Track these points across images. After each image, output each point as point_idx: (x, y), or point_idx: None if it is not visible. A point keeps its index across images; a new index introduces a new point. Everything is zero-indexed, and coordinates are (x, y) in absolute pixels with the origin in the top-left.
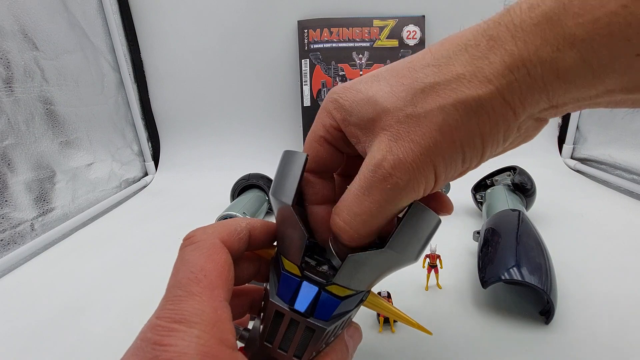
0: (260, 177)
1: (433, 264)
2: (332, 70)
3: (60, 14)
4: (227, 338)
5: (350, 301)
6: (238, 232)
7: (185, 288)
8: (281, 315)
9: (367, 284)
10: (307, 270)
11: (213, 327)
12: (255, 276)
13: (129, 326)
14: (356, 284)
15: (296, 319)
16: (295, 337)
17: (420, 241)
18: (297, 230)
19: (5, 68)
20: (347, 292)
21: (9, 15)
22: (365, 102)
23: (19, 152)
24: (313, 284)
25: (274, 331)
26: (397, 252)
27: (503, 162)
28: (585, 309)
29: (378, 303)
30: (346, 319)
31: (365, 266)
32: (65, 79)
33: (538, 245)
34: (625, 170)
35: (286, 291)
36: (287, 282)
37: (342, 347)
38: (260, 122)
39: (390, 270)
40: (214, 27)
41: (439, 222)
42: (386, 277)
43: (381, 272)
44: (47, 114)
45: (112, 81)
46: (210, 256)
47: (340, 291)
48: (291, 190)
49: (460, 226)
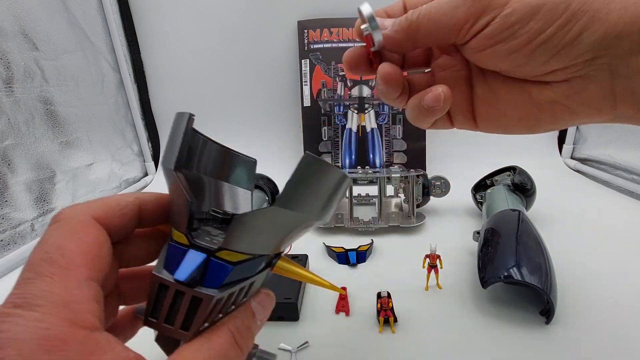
0: (260, 177)
1: (433, 264)
2: (332, 70)
3: (60, 14)
4: (83, 319)
5: (248, 266)
6: (121, 207)
7: (35, 269)
8: (166, 288)
9: (266, 247)
10: (197, 239)
11: (63, 308)
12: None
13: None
14: (252, 247)
15: (181, 289)
16: (181, 309)
17: (318, 195)
18: (181, 196)
19: (5, 68)
20: (241, 257)
21: (9, 15)
22: None
23: (19, 152)
24: (201, 252)
25: (158, 305)
26: (290, 209)
27: (503, 162)
28: (585, 309)
29: (288, 269)
30: (247, 286)
31: (256, 227)
32: (65, 79)
33: (538, 245)
34: (625, 170)
35: (172, 262)
36: (173, 252)
37: (247, 314)
38: (260, 122)
39: (296, 230)
40: (214, 27)
41: (340, 174)
42: (385, 277)
43: (282, 233)
44: (47, 114)
45: (112, 81)
46: (74, 234)
47: (233, 256)
48: (173, 153)
49: (460, 226)
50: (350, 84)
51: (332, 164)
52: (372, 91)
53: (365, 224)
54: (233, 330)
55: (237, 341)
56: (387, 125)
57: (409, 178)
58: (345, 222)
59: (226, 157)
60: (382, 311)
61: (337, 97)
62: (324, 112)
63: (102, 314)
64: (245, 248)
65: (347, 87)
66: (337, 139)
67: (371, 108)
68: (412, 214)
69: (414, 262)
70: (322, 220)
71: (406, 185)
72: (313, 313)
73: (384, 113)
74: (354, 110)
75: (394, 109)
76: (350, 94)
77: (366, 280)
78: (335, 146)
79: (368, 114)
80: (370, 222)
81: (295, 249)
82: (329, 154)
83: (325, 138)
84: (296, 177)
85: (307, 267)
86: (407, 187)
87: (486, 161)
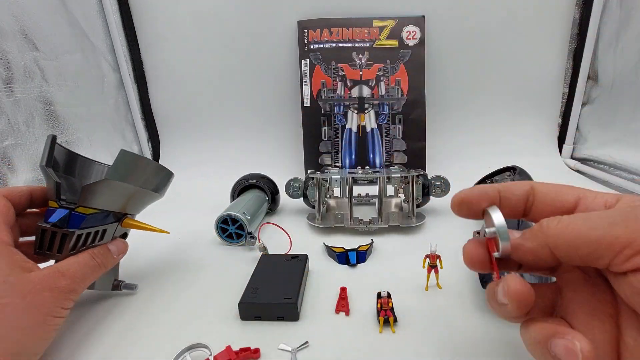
0: (260, 177)
1: (433, 264)
2: (332, 70)
3: (60, 14)
4: (3, 239)
5: (98, 217)
6: (18, 191)
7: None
8: (45, 230)
9: (109, 205)
10: (63, 203)
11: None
12: None
13: (129, 325)
14: (98, 204)
15: (55, 230)
16: (56, 241)
17: (134, 174)
18: (51, 179)
19: (5, 68)
20: (92, 211)
21: (9, 15)
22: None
23: (19, 152)
24: (65, 209)
25: (42, 242)
26: (117, 181)
27: (503, 162)
28: None
29: (133, 224)
30: (101, 231)
31: (98, 192)
32: (65, 79)
33: None
34: (625, 170)
35: (48, 216)
36: (49, 211)
37: (103, 247)
38: (260, 122)
39: (134, 197)
40: (214, 27)
41: (144, 158)
42: (385, 277)
43: (122, 197)
44: (47, 114)
45: (112, 81)
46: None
47: (86, 210)
48: (44, 157)
49: (460, 226)
50: (350, 84)
51: (332, 164)
52: (372, 91)
53: (365, 224)
54: (92, 252)
55: (95, 257)
56: (387, 125)
57: (409, 178)
58: (345, 222)
59: (79, 159)
60: (382, 311)
61: (337, 97)
62: (324, 112)
63: (12, 241)
64: (94, 204)
65: (347, 87)
66: (337, 139)
67: (371, 108)
68: (412, 214)
69: (414, 262)
70: (149, 192)
71: (406, 185)
72: (313, 313)
73: (384, 113)
74: (354, 110)
75: (394, 108)
76: (350, 94)
77: (366, 280)
78: (335, 146)
79: (368, 114)
80: (370, 222)
81: (295, 249)
82: (329, 154)
83: (325, 138)
84: (116, 162)
85: (307, 267)
86: (407, 187)
87: (486, 161)
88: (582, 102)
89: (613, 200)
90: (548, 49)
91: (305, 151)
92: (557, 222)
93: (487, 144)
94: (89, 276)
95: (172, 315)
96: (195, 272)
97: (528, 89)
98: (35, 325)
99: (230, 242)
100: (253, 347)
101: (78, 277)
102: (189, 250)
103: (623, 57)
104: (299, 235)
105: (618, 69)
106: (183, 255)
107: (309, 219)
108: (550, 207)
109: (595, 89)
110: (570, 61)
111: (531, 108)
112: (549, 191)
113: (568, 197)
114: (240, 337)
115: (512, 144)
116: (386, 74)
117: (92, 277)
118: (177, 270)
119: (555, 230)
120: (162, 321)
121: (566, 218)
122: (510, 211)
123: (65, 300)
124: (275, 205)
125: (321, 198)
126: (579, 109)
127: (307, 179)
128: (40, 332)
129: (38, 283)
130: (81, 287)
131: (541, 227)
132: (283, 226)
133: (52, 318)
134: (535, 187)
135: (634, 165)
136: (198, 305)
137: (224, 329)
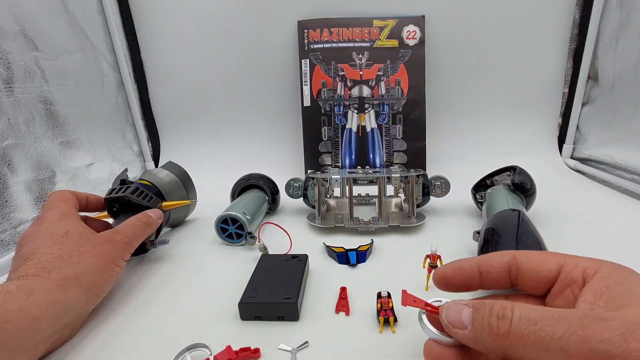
0: (260, 177)
1: (433, 264)
2: (332, 70)
3: (60, 14)
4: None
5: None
6: (78, 196)
7: (52, 204)
8: (111, 199)
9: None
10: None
11: (66, 204)
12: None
13: (129, 325)
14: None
15: (118, 197)
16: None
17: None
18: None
19: (5, 68)
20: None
21: (9, 15)
22: None
23: (19, 152)
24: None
25: (111, 206)
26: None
27: (503, 162)
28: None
29: (168, 205)
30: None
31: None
32: (65, 79)
33: (538, 245)
34: (625, 170)
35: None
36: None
37: (144, 213)
38: (260, 122)
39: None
40: (214, 27)
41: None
42: (385, 277)
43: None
44: (47, 114)
45: (112, 81)
46: (66, 194)
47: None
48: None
49: (460, 226)
50: (350, 84)
51: (332, 164)
52: (372, 91)
53: (365, 224)
54: (137, 216)
55: (140, 219)
56: (387, 125)
57: (409, 178)
58: (345, 222)
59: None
60: (382, 311)
61: (337, 97)
62: (324, 112)
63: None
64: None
65: (347, 87)
66: (337, 139)
67: (371, 108)
68: (412, 214)
69: (414, 262)
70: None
71: (406, 185)
72: (313, 313)
73: (384, 113)
74: (354, 110)
75: (394, 108)
76: (350, 94)
77: (366, 280)
78: (335, 146)
79: (368, 113)
80: (370, 222)
81: (295, 249)
82: (329, 154)
83: (325, 138)
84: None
85: (307, 267)
86: (407, 187)
87: (486, 161)
88: (582, 102)
89: (592, 270)
90: (548, 49)
91: (305, 151)
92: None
93: (487, 143)
94: (139, 234)
95: (172, 315)
96: (195, 272)
97: (528, 89)
98: (102, 269)
99: (230, 242)
100: (253, 347)
101: (129, 234)
102: (189, 250)
103: (623, 57)
104: (299, 235)
105: (618, 69)
106: (183, 255)
107: (309, 219)
108: (534, 278)
109: (595, 89)
110: (571, 61)
111: (531, 108)
112: (530, 260)
113: (550, 265)
114: (240, 337)
115: (512, 143)
116: (386, 74)
117: (141, 234)
118: (177, 270)
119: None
120: (162, 321)
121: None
122: (494, 284)
123: (123, 252)
124: (275, 205)
125: (321, 198)
126: (579, 109)
127: (307, 179)
128: (106, 274)
129: (101, 238)
130: (134, 241)
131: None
132: (283, 226)
133: (114, 265)
134: (517, 256)
135: (634, 165)
136: (198, 305)
137: (224, 329)
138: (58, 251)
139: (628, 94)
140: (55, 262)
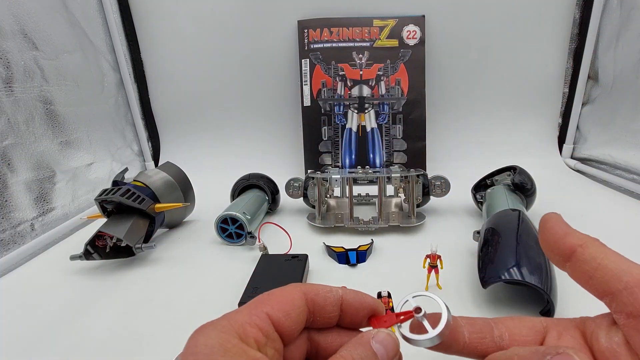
0: (260, 177)
1: (433, 264)
2: (332, 70)
3: (60, 14)
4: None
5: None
6: (326, 291)
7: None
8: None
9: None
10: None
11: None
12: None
13: (129, 325)
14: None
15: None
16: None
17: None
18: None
19: (5, 68)
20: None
21: (9, 15)
22: None
23: (19, 152)
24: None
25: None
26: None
27: (503, 161)
28: (585, 309)
29: (159, 207)
30: (140, 199)
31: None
32: (65, 79)
33: (538, 245)
34: (625, 170)
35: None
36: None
37: (368, 349)
38: (261, 122)
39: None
40: (214, 27)
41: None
42: (385, 277)
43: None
44: (47, 114)
45: (112, 81)
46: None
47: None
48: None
49: (460, 226)
50: (350, 84)
51: (332, 163)
52: (372, 91)
53: (365, 224)
54: (353, 356)
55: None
56: (387, 125)
57: (409, 178)
58: (345, 222)
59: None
60: None
61: (337, 96)
62: (324, 111)
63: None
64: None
65: (347, 87)
66: (337, 139)
67: (371, 108)
68: (412, 214)
69: (414, 262)
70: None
71: (406, 185)
72: None
73: (384, 113)
74: (354, 110)
75: (394, 108)
76: (350, 94)
77: (366, 280)
78: (335, 146)
79: (368, 113)
80: (370, 222)
81: (295, 249)
82: (329, 154)
83: (325, 138)
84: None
85: (307, 267)
86: (407, 187)
87: (486, 161)
88: (582, 102)
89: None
90: (548, 49)
91: (305, 151)
92: None
93: (487, 143)
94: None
95: (172, 314)
96: (196, 272)
97: (528, 89)
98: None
99: (230, 242)
100: None
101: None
102: (189, 249)
103: (623, 57)
104: (299, 235)
105: (618, 69)
106: (183, 255)
107: (309, 218)
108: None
109: (596, 89)
110: (571, 61)
111: (531, 108)
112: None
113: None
114: None
115: (512, 143)
116: (386, 74)
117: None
118: (177, 269)
119: None
120: (162, 321)
121: None
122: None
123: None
124: (275, 205)
125: (321, 198)
126: (579, 109)
127: (307, 179)
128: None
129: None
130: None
131: None
132: (283, 226)
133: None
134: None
135: (634, 165)
136: (198, 305)
137: None
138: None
139: (628, 94)
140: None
